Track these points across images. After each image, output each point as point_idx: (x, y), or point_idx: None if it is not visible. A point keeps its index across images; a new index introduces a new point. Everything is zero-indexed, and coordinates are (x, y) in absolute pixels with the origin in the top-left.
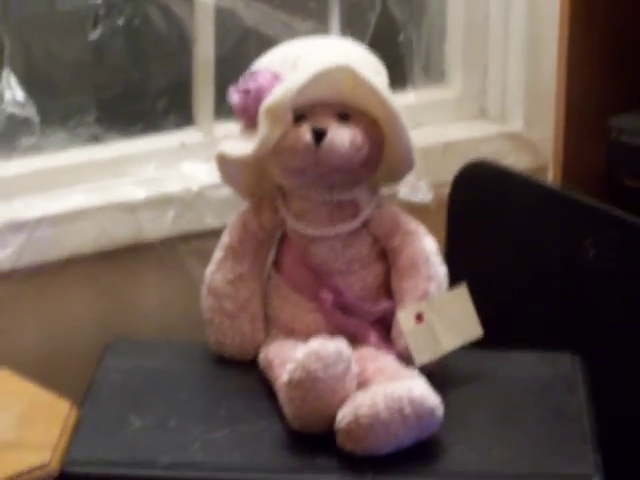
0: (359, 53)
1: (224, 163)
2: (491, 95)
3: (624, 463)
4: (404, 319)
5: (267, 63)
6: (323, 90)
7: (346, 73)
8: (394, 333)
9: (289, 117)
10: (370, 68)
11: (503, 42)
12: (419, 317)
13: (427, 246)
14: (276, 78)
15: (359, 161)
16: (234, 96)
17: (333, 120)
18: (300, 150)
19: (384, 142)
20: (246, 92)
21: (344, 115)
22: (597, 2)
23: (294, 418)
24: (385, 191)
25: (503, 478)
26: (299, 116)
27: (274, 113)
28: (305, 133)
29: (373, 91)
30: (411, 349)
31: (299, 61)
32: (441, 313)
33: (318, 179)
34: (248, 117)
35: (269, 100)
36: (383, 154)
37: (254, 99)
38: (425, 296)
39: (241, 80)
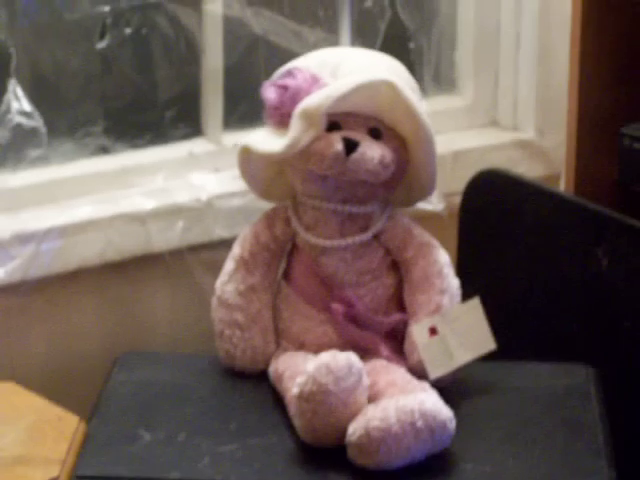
0: (398, 69)
1: (246, 157)
2: (502, 103)
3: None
4: (418, 333)
5: (304, 65)
6: (360, 101)
7: (387, 87)
8: (407, 346)
9: (323, 122)
10: (407, 85)
11: (514, 50)
12: (432, 330)
13: (440, 258)
14: (315, 80)
15: (382, 179)
16: (269, 90)
17: (365, 134)
18: (329, 157)
19: (408, 165)
20: (283, 88)
21: (376, 132)
22: (609, 9)
23: (305, 431)
24: None
25: None
26: (331, 123)
27: (310, 116)
28: (337, 141)
29: (410, 110)
30: (425, 363)
31: (339, 69)
32: (454, 326)
33: (336, 190)
34: (280, 114)
35: (307, 102)
36: (404, 177)
37: (291, 97)
38: (439, 309)
39: (277, 75)
